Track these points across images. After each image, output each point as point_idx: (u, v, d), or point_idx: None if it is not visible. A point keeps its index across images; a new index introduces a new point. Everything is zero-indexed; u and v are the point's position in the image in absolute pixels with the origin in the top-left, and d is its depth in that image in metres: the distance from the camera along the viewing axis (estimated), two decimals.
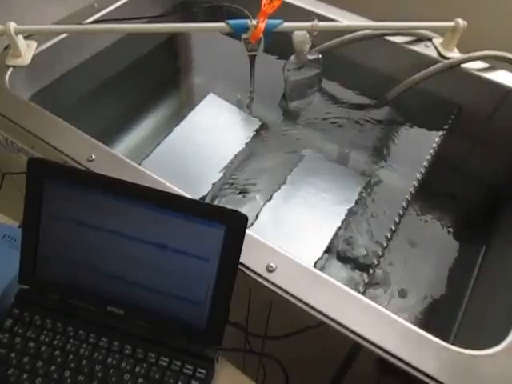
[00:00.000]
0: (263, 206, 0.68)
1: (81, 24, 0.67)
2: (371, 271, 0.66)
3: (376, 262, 0.67)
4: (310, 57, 0.69)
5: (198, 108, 0.80)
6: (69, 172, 0.43)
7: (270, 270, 0.43)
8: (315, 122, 0.78)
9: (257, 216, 0.67)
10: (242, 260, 0.43)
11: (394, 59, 0.73)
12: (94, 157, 0.51)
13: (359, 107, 0.79)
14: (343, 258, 0.67)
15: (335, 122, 0.78)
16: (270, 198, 0.69)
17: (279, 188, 0.70)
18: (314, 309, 0.41)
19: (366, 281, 0.66)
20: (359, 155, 0.77)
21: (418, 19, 0.69)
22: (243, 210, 0.67)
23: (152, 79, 0.86)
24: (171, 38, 0.89)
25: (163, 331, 0.44)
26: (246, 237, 0.42)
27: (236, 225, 0.41)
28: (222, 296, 0.42)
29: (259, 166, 0.75)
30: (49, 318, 0.44)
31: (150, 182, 0.51)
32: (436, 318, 0.67)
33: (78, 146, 0.52)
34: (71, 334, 0.43)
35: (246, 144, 0.76)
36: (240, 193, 0.72)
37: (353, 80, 0.79)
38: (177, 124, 0.77)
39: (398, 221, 0.68)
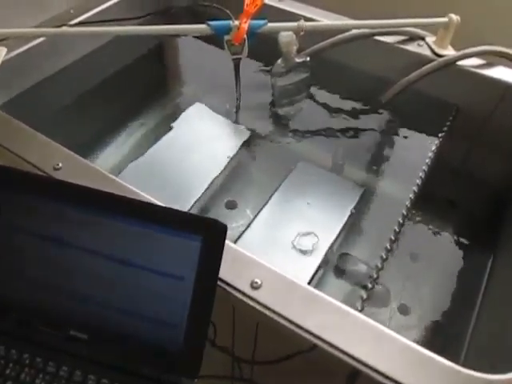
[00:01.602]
0: (253, 219, 0.63)
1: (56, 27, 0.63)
2: (370, 286, 0.61)
3: (375, 277, 0.62)
4: (298, 60, 0.65)
5: (182, 117, 0.76)
6: (22, 178, 0.38)
7: (254, 286, 0.38)
8: (306, 130, 0.74)
9: (246, 230, 0.62)
10: (222, 276, 0.38)
11: (385, 60, 0.69)
12: (60, 165, 0.46)
13: (352, 112, 0.75)
14: (339, 273, 0.62)
15: (327, 129, 0.74)
16: (260, 211, 0.64)
17: (269, 200, 0.66)
18: (306, 330, 0.36)
19: (365, 297, 0.61)
20: (354, 163, 0.73)
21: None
22: (232, 224, 0.64)
23: (136, 89, 0.82)
24: (157, 46, 0.86)
25: (133, 358, 0.38)
26: (226, 249, 0.37)
27: (214, 236, 0.36)
28: (200, 318, 0.37)
29: (248, 178, 0.71)
30: (1, 343, 0.38)
31: (124, 192, 0.46)
32: (442, 337, 0.62)
33: (43, 154, 0.47)
34: (27, 361, 0.37)
35: (235, 155, 0.72)
36: (228, 206, 0.67)
37: (344, 84, 0.76)
38: (160, 134, 0.73)
39: (397, 230, 0.64)
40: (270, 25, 0.60)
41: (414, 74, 0.66)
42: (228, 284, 0.38)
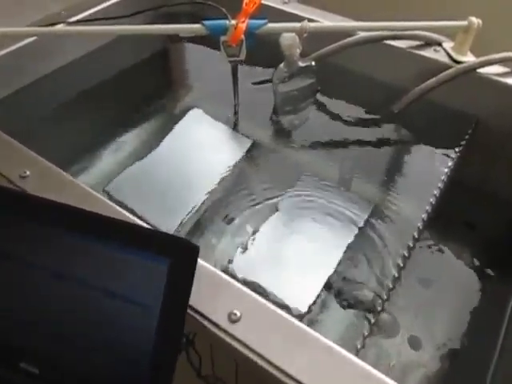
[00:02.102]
0: (251, 236, 0.57)
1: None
2: (376, 315, 0.54)
3: (382, 304, 0.55)
4: (302, 64, 0.60)
5: (179, 124, 0.71)
6: None
7: (232, 319, 0.32)
8: (311, 141, 0.68)
9: (242, 247, 0.56)
10: (195, 305, 0.33)
11: (398, 67, 0.64)
12: (27, 173, 0.42)
13: (361, 122, 0.69)
14: (342, 299, 0.55)
15: (334, 140, 0.68)
16: (257, 229, 0.58)
17: (269, 217, 0.60)
18: (290, 376, 0.30)
19: (369, 326, 0.54)
20: (362, 178, 0.66)
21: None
22: (229, 241, 0.58)
23: (130, 94, 0.78)
24: (158, 51, 0.82)
25: None
26: (202, 273, 0.32)
27: (184, 258, 0.30)
28: (166, 353, 0.31)
29: (249, 191, 0.66)
30: None
31: (94, 205, 0.41)
32: (459, 377, 0.55)
33: (10, 160, 0.43)
34: None
35: (235, 165, 0.66)
36: (226, 221, 0.62)
37: (352, 91, 0.70)
38: (154, 143, 0.68)
39: (407, 255, 0.57)
40: (271, 25, 0.55)
41: (430, 82, 0.60)
42: (202, 315, 0.33)
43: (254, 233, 0.58)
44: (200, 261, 0.37)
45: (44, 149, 0.61)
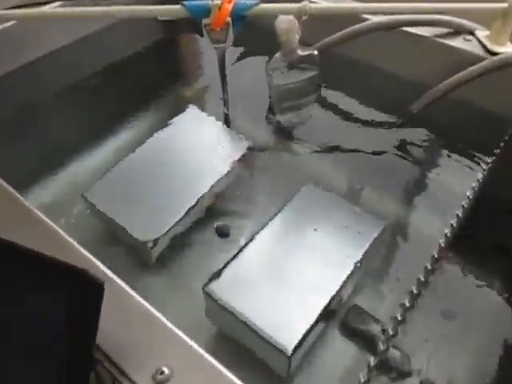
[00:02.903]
0: (239, 252, 0.49)
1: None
2: (383, 353, 0.45)
3: (391, 339, 0.46)
4: (302, 53, 0.51)
5: (173, 122, 0.63)
6: None
7: (158, 380, 0.24)
8: (315, 145, 0.60)
9: (228, 264, 0.47)
10: (114, 356, 0.24)
11: (418, 59, 0.55)
12: None
13: (373, 124, 0.60)
14: (345, 331, 0.47)
15: (342, 145, 0.60)
16: (251, 241, 0.49)
17: (262, 230, 0.51)
18: None
19: (373, 364, 0.45)
20: (374, 190, 0.58)
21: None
22: (223, 255, 0.50)
23: (122, 89, 0.71)
24: (153, 44, 0.75)
25: None
26: (126, 311, 0.24)
27: (84, 295, 0.22)
28: None
29: (244, 200, 0.57)
30: None
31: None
32: None
33: None
34: None
35: (229, 171, 0.58)
36: (219, 233, 0.54)
37: (364, 87, 0.61)
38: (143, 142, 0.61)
39: (425, 280, 0.48)
40: (263, 6, 0.46)
41: (457, 78, 0.51)
42: (121, 371, 0.25)
43: (243, 248, 0.49)
44: (131, 292, 0.29)
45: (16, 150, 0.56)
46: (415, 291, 0.48)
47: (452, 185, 0.57)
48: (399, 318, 0.46)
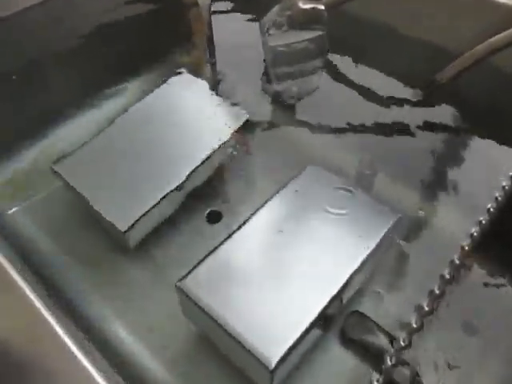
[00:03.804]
0: (226, 239, 0.41)
1: None
2: (390, 366, 0.37)
3: (400, 353, 0.38)
4: (305, 6, 0.43)
5: (159, 89, 0.54)
6: None
7: None
8: (320, 120, 0.52)
9: (211, 253, 0.40)
10: None
11: (445, 16, 0.46)
12: None
13: (391, 99, 0.52)
14: (346, 341, 0.40)
15: (352, 122, 0.51)
16: (231, 234, 0.42)
17: (253, 215, 0.43)
18: None
19: (376, 382, 0.38)
20: (388, 176, 0.50)
21: None
22: (209, 243, 0.43)
23: (112, 54, 0.63)
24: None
25: None
26: None
27: None
28: None
29: (238, 182, 0.51)
30: None
31: None
32: None
33: None
34: None
35: (223, 147, 0.50)
36: (210, 219, 0.48)
37: (379, 52, 0.53)
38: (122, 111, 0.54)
39: (444, 287, 0.40)
40: None
41: (496, 40, 0.42)
42: None
43: (228, 238, 0.41)
44: None
45: None
46: (433, 299, 0.40)
47: (482, 174, 0.49)
48: (414, 329, 0.39)
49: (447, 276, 0.40)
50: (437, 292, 0.41)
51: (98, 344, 0.38)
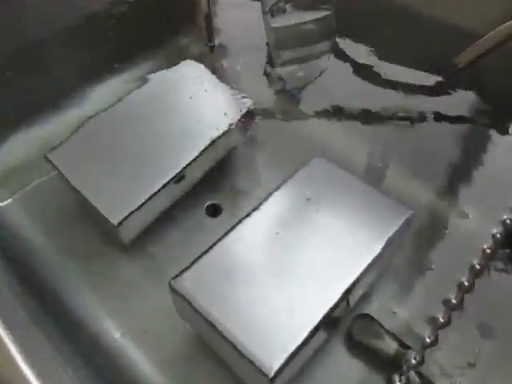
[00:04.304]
0: (216, 242, 0.38)
1: None
2: (403, 376, 0.35)
3: (413, 361, 0.35)
4: None
5: (160, 74, 0.51)
6: None
7: None
8: (328, 108, 0.49)
9: (197, 259, 0.37)
10: None
11: None
12: None
13: (405, 84, 0.48)
14: (353, 347, 0.37)
15: (362, 110, 0.48)
16: (231, 230, 0.39)
17: (254, 211, 0.40)
18: None
19: None
20: (401, 170, 0.47)
21: None
22: (209, 239, 0.40)
23: (113, 37, 0.60)
24: None
25: None
26: None
27: None
28: None
29: (241, 174, 0.48)
30: None
31: None
32: None
33: None
34: None
35: (224, 136, 0.47)
36: (210, 212, 0.45)
37: (393, 36, 0.49)
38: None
39: (463, 290, 0.38)
40: None
41: None
42: None
43: (227, 233, 0.38)
44: None
45: None
46: (452, 301, 0.38)
47: (506, 168, 0.45)
48: (428, 341, 0.36)
49: (477, 267, 0.37)
50: (466, 284, 0.38)
51: (89, 344, 0.37)
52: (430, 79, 0.49)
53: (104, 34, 0.59)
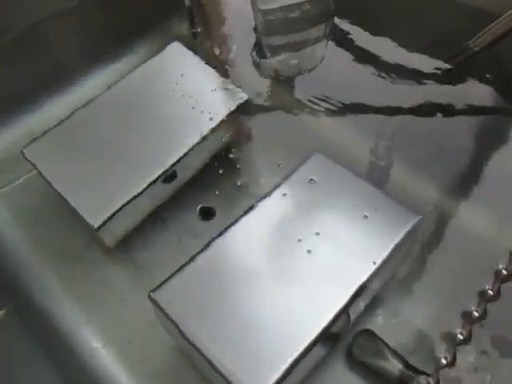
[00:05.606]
0: (202, 249, 0.35)
1: None
2: (447, 364, 0.33)
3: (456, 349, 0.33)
4: None
5: (149, 63, 0.48)
6: None
7: None
8: (328, 100, 0.46)
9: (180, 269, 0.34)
10: None
11: None
12: None
13: (412, 73, 0.45)
14: (355, 366, 0.34)
15: (364, 102, 0.45)
16: (219, 236, 0.36)
17: (246, 214, 0.37)
18: None
19: None
20: (408, 170, 0.44)
21: None
22: (201, 243, 0.37)
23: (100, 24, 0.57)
24: None
25: None
26: None
27: None
28: None
29: (234, 173, 0.45)
30: None
31: None
32: None
33: None
34: None
35: (216, 131, 0.44)
36: (202, 215, 0.43)
37: (399, 19, 0.46)
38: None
39: (486, 299, 0.34)
40: None
41: None
42: None
43: (214, 239, 0.35)
44: None
45: None
46: (470, 313, 0.34)
47: None
48: (444, 362, 0.32)
49: (504, 272, 0.33)
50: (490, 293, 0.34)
51: (67, 355, 0.35)
52: (441, 65, 0.45)
53: (93, 20, 0.56)
